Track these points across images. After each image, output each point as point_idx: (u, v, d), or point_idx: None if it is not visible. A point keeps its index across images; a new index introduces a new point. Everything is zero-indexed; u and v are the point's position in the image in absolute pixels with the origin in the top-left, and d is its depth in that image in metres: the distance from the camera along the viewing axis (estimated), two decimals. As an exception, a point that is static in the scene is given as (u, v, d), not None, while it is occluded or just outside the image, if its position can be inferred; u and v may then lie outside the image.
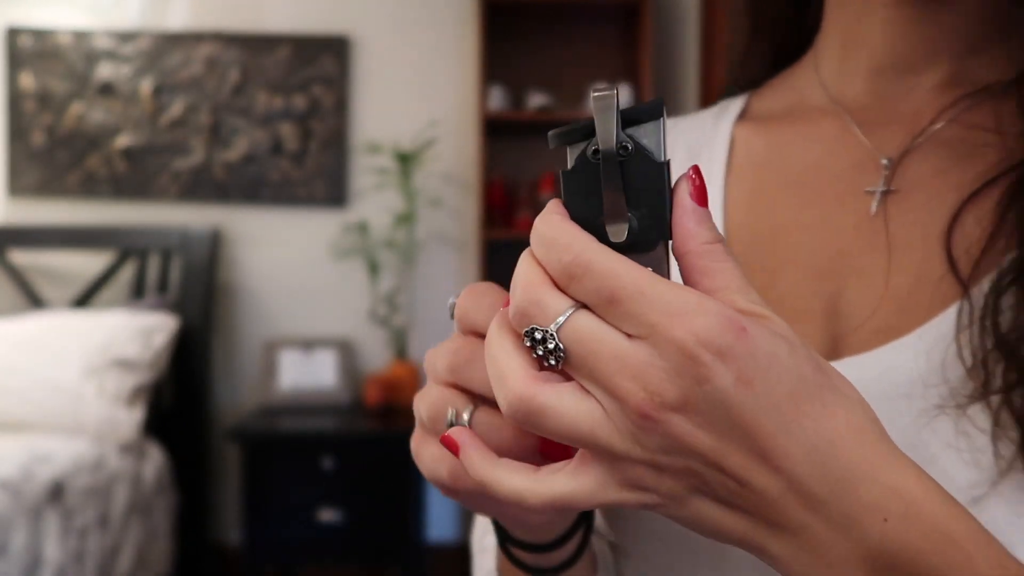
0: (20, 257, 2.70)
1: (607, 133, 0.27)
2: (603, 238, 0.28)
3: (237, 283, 2.78)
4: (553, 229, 0.27)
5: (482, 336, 0.31)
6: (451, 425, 0.32)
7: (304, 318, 2.77)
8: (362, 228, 2.70)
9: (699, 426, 0.25)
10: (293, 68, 2.74)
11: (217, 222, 2.73)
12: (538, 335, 0.27)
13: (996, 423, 0.33)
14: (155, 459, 2.34)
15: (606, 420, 0.26)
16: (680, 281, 0.27)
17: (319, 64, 2.73)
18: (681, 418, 0.25)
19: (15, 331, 2.33)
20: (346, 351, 2.66)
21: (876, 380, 0.36)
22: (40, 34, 2.72)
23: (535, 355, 0.27)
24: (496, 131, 2.63)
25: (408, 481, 2.27)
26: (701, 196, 0.27)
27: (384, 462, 2.28)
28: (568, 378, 0.28)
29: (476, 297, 0.32)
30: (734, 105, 0.51)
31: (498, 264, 2.64)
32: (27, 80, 2.72)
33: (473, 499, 0.36)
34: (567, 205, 0.29)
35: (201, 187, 2.75)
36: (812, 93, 0.47)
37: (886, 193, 0.42)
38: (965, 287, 0.36)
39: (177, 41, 2.74)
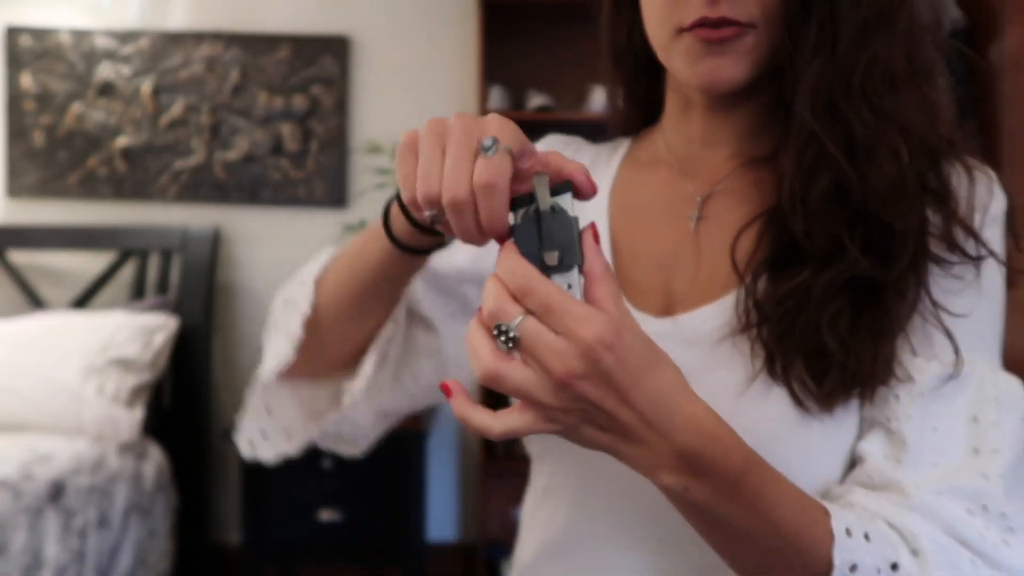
0: (20, 257, 2.70)
1: (544, 200, 0.46)
2: (542, 262, 0.46)
3: (237, 283, 2.79)
4: (511, 261, 0.45)
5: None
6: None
7: (304, 318, 2.77)
8: (362, 228, 2.70)
9: (594, 386, 0.44)
10: (293, 68, 2.74)
11: (217, 222, 2.73)
12: (503, 328, 0.44)
13: (752, 348, 0.58)
14: (155, 459, 2.34)
15: (539, 383, 0.44)
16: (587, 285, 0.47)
17: (319, 64, 2.73)
18: (584, 382, 0.44)
19: (15, 331, 2.33)
20: (346, 351, 2.66)
21: (691, 327, 0.62)
22: (40, 34, 2.72)
23: (499, 341, 0.45)
24: (496, 131, 2.63)
25: (408, 481, 2.27)
26: (597, 239, 0.47)
27: (384, 462, 2.28)
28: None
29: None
30: (623, 146, 0.77)
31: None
32: (27, 80, 2.72)
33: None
34: (517, 243, 0.46)
35: (201, 187, 2.75)
36: (661, 149, 0.73)
37: (699, 219, 0.67)
38: (741, 278, 0.61)
39: (177, 41, 2.74)
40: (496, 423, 0.46)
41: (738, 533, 0.50)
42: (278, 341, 0.70)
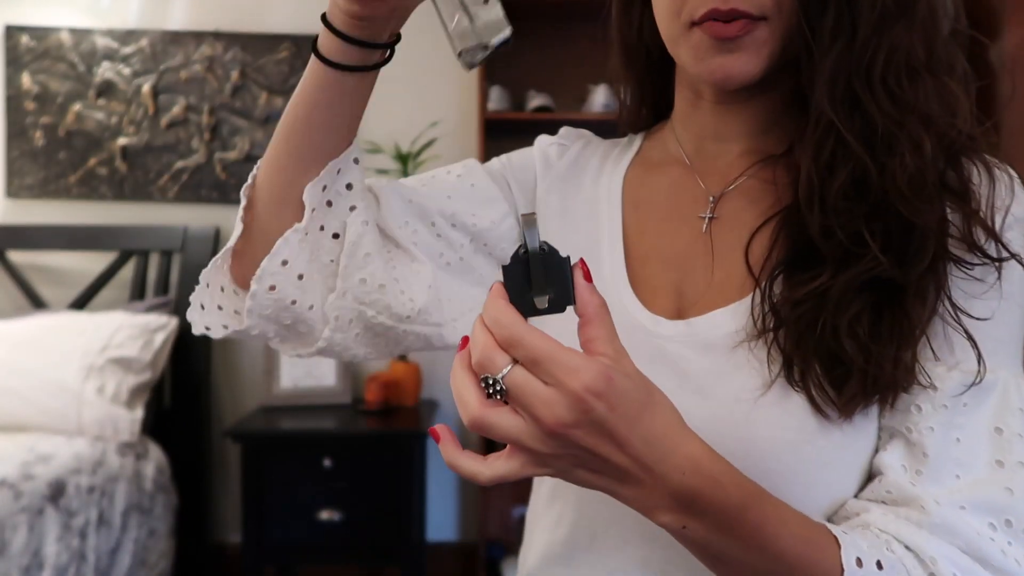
0: (20, 257, 2.70)
1: (533, 240, 0.45)
2: (532, 305, 0.45)
3: (237, 283, 2.78)
4: (497, 311, 0.44)
5: None
6: None
7: (304, 318, 2.77)
8: (362, 228, 2.69)
9: (586, 434, 0.43)
10: (293, 68, 2.74)
11: (217, 222, 2.73)
12: (490, 380, 0.44)
13: (768, 353, 0.57)
14: (155, 459, 2.34)
15: (529, 431, 0.44)
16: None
17: (319, 64, 2.73)
18: (575, 431, 0.43)
19: (15, 331, 2.33)
20: (346, 351, 2.66)
21: (705, 331, 0.60)
22: (40, 34, 2.72)
23: (487, 391, 0.44)
24: (496, 131, 2.63)
25: (408, 481, 2.27)
26: (588, 276, 0.46)
27: (384, 462, 2.28)
28: (505, 402, 0.45)
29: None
30: (635, 143, 0.75)
31: (498, 264, 2.63)
32: (27, 80, 2.72)
33: None
34: (507, 286, 0.45)
35: (201, 187, 2.75)
36: (672, 146, 0.71)
37: (711, 219, 0.66)
38: (757, 282, 0.59)
39: (177, 41, 2.74)
40: (485, 469, 0.46)
41: (740, 566, 0.49)
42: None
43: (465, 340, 0.47)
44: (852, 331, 0.54)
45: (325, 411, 2.51)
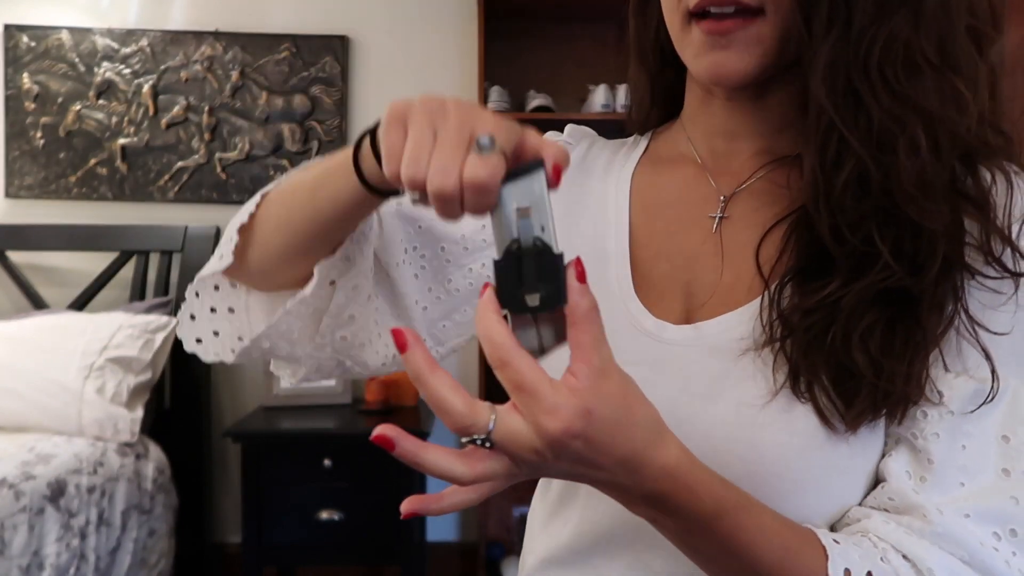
0: (20, 258, 2.70)
1: (527, 235, 0.42)
2: (523, 303, 0.43)
3: (237, 283, 2.78)
4: (488, 329, 0.42)
5: None
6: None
7: (304, 318, 2.77)
8: (362, 228, 2.69)
9: (562, 463, 0.44)
10: (293, 68, 2.74)
11: (217, 222, 2.73)
12: (478, 441, 0.43)
13: (775, 360, 0.55)
14: (155, 459, 2.34)
15: (514, 469, 0.44)
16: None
17: (319, 64, 2.73)
18: (552, 462, 0.43)
19: (15, 331, 2.33)
20: (346, 351, 2.66)
21: (713, 335, 0.59)
22: (39, 34, 2.72)
23: (474, 445, 0.44)
24: (496, 131, 2.63)
25: (408, 481, 2.27)
26: (582, 277, 0.43)
27: (384, 462, 2.28)
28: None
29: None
30: (642, 143, 0.74)
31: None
32: (27, 80, 2.72)
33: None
34: (497, 280, 0.43)
35: (201, 187, 2.75)
36: (683, 145, 0.70)
37: (722, 219, 0.64)
38: (766, 285, 0.58)
39: (177, 41, 2.74)
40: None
41: (716, 563, 0.50)
42: (222, 244, 0.66)
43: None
44: (863, 344, 0.52)
45: (325, 411, 2.51)
